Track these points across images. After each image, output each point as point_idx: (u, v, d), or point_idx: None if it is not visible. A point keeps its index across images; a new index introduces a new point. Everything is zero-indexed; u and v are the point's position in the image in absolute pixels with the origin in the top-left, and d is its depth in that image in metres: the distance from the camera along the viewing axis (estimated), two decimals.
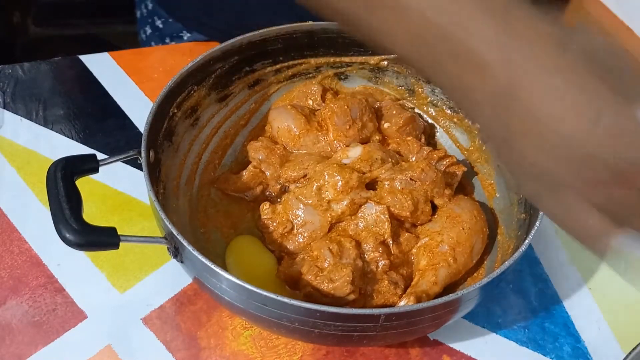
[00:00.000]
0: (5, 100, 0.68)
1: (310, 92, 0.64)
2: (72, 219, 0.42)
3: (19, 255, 0.56)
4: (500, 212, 0.58)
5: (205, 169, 0.60)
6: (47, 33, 1.74)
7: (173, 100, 0.55)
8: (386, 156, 0.57)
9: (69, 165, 0.46)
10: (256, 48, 0.61)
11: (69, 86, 0.72)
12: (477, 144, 0.62)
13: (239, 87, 0.62)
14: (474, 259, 0.55)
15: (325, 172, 0.54)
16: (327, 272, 0.49)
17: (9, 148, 0.64)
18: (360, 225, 0.53)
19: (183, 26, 0.81)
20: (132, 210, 0.60)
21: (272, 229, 0.54)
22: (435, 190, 0.55)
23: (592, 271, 0.61)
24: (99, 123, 0.67)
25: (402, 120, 0.61)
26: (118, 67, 0.73)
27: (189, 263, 0.46)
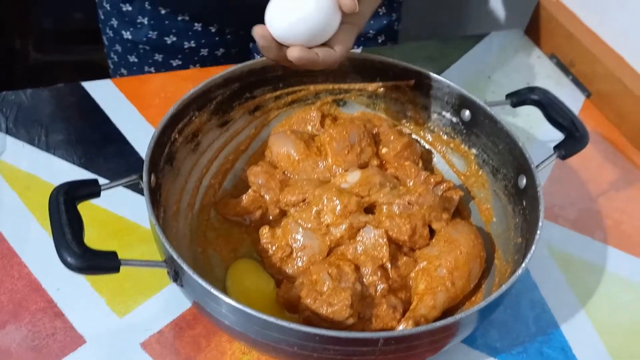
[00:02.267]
0: (7, 125, 0.69)
1: (309, 117, 0.65)
2: (73, 243, 0.42)
3: (18, 280, 0.56)
4: (497, 237, 0.59)
5: (206, 193, 0.61)
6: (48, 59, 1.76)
7: (175, 126, 0.56)
8: (384, 181, 0.57)
9: (71, 190, 0.46)
10: (256, 75, 0.62)
11: (71, 112, 0.73)
12: (473, 169, 0.63)
13: (239, 113, 0.63)
14: (471, 283, 0.55)
15: (324, 197, 0.54)
16: (326, 296, 0.49)
17: (10, 173, 0.64)
18: (359, 249, 0.53)
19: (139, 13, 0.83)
20: (132, 234, 0.61)
21: (272, 253, 0.54)
22: (433, 215, 0.56)
23: (589, 295, 0.61)
24: (101, 148, 0.68)
25: (400, 146, 0.62)
26: (120, 93, 0.74)
27: (188, 287, 0.46)
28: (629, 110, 0.78)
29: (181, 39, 0.85)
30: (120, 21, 0.84)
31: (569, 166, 0.73)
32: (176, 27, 0.84)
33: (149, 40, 0.85)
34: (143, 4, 0.82)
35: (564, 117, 0.60)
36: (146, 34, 0.84)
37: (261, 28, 0.50)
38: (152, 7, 0.82)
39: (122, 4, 0.83)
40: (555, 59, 0.90)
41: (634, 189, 0.73)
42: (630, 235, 0.67)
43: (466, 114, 0.62)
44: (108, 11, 0.85)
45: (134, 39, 0.85)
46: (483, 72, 0.87)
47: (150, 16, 0.82)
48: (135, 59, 0.87)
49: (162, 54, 0.86)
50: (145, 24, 0.83)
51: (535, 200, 0.52)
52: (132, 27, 0.84)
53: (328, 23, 0.50)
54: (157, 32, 0.84)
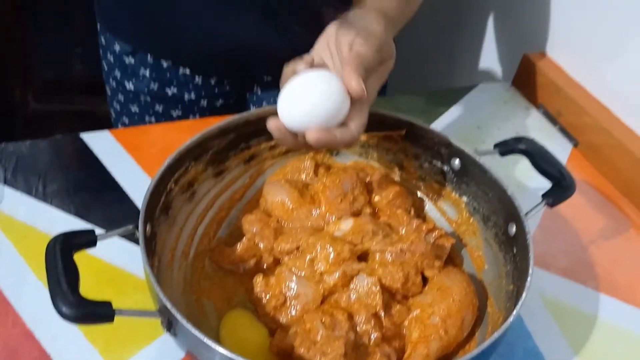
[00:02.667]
0: (6, 176, 0.70)
1: (303, 167, 0.66)
2: (68, 293, 0.43)
3: (12, 329, 0.56)
4: (490, 284, 0.59)
5: (200, 242, 0.61)
6: (47, 109, 1.79)
7: (171, 176, 0.57)
8: (377, 229, 0.58)
9: (67, 240, 0.47)
10: (252, 125, 0.63)
11: (69, 162, 0.74)
12: (464, 216, 0.64)
13: (234, 163, 0.64)
14: (465, 331, 0.55)
15: (317, 244, 0.55)
16: (319, 345, 0.49)
17: (7, 223, 0.65)
18: (353, 297, 0.53)
19: (115, 37, 0.85)
20: (126, 283, 0.61)
21: (265, 302, 0.54)
22: (425, 262, 0.57)
23: (583, 344, 0.61)
24: (97, 198, 0.69)
25: (392, 194, 0.63)
26: (118, 143, 0.76)
27: (182, 336, 0.46)
28: (617, 159, 0.80)
29: (182, 91, 0.87)
30: (123, 72, 0.87)
31: (559, 215, 0.74)
32: (177, 79, 0.86)
33: (150, 91, 0.87)
34: (145, 57, 0.84)
35: (551, 166, 0.61)
36: (148, 85, 0.86)
37: (274, 121, 0.52)
38: (154, 59, 0.84)
39: (125, 56, 0.85)
40: (542, 109, 0.92)
41: (624, 237, 0.74)
42: (622, 283, 0.68)
43: (456, 162, 0.63)
44: (111, 63, 0.88)
45: (136, 90, 0.87)
46: (472, 122, 0.89)
47: (152, 68, 0.85)
48: (136, 109, 0.90)
49: (163, 104, 0.88)
50: (147, 75, 0.86)
51: (526, 248, 0.53)
52: (134, 78, 0.87)
53: (340, 107, 0.51)
54: (158, 83, 0.86)
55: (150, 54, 0.84)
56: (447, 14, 1.22)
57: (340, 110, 0.51)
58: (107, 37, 0.86)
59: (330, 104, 0.50)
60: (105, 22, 0.86)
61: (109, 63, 0.88)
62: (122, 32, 0.84)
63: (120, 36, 0.84)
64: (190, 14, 0.78)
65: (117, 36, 0.85)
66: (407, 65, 0.99)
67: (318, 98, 0.50)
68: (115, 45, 0.85)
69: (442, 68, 1.27)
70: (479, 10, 1.12)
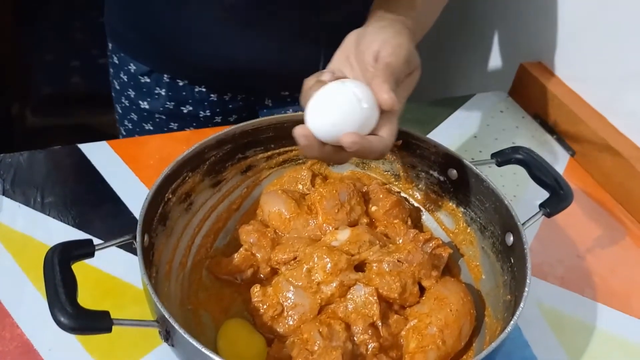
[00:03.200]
0: (4, 187, 0.70)
1: (300, 177, 0.67)
2: (67, 303, 0.43)
3: (10, 341, 0.55)
4: (487, 294, 0.59)
5: (198, 252, 0.61)
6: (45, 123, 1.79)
7: (168, 186, 0.57)
8: (374, 239, 0.58)
9: (65, 250, 0.47)
10: (249, 136, 0.64)
11: (67, 173, 0.74)
12: (461, 226, 0.64)
13: (231, 173, 0.65)
14: (462, 341, 0.55)
15: (314, 255, 0.55)
16: (317, 355, 0.49)
17: (5, 234, 0.65)
18: (350, 307, 0.53)
19: (131, 58, 0.85)
20: (124, 293, 0.61)
21: (263, 312, 0.54)
22: (422, 272, 0.57)
23: (580, 353, 0.61)
24: (95, 209, 0.69)
25: (389, 204, 0.63)
26: (115, 154, 0.76)
27: (179, 347, 0.46)
28: (614, 168, 0.80)
29: (197, 109, 0.87)
30: (138, 92, 0.87)
31: (556, 224, 0.75)
32: (192, 97, 0.86)
33: (165, 109, 0.87)
34: (161, 77, 0.84)
35: (548, 176, 0.61)
36: (163, 104, 0.86)
37: (302, 128, 0.51)
38: (170, 79, 0.85)
39: (140, 77, 0.85)
40: (539, 119, 0.93)
41: (620, 246, 0.74)
42: (619, 292, 0.68)
43: (453, 172, 0.64)
44: (125, 82, 0.87)
45: (151, 109, 0.87)
46: (469, 132, 0.89)
47: (168, 88, 0.85)
48: (150, 127, 0.90)
49: (178, 122, 0.89)
50: (163, 94, 0.86)
51: (523, 258, 0.53)
52: (149, 97, 0.87)
53: (370, 116, 0.50)
54: (174, 102, 0.86)
55: (166, 75, 0.84)
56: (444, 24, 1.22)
57: (370, 119, 0.50)
58: (121, 57, 0.86)
59: (361, 113, 0.49)
60: (120, 44, 0.86)
61: (121, 82, 0.88)
62: (139, 54, 0.84)
63: (137, 58, 0.84)
64: (207, 37, 0.78)
65: (134, 58, 0.85)
66: None
67: (348, 107, 0.49)
68: (130, 65, 0.85)
69: (439, 78, 1.28)
70: (476, 21, 1.12)
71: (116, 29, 0.86)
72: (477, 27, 1.12)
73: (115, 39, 0.87)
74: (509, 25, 1.04)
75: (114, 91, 0.91)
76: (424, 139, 0.64)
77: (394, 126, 0.52)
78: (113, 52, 0.88)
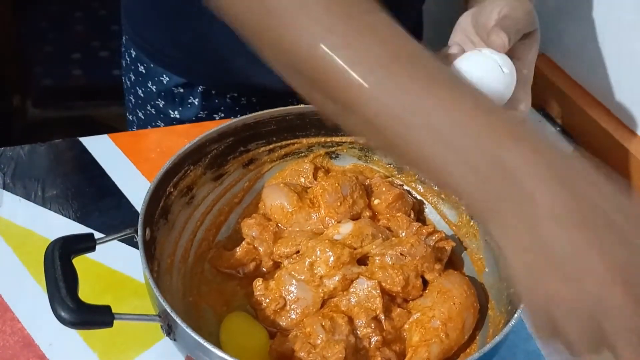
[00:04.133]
0: (5, 181, 0.70)
1: (302, 170, 0.66)
2: (67, 298, 0.43)
3: (11, 336, 0.55)
4: (490, 287, 0.59)
5: (200, 246, 0.61)
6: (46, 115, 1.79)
7: (170, 180, 0.57)
8: (377, 232, 0.58)
9: (66, 244, 0.47)
10: (250, 129, 0.63)
11: (68, 167, 0.74)
12: (465, 219, 0.64)
13: (233, 167, 0.64)
14: (465, 334, 0.55)
15: (317, 248, 0.55)
16: (319, 349, 0.49)
17: (6, 228, 0.65)
18: (352, 300, 0.53)
19: (164, 70, 0.83)
20: (125, 288, 0.61)
21: (265, 306, 0.54)
22: (425, 265, 0.56)
23: None
24: (96, 202, 0.69)
25: (392, 197, 0.63)
26: (117, 148, 0.76)
27: (181, 341, 0.46)
28: (617, 161, 0.80)
29: (228, 115, 0.86)
30: (169, 102, 0.85)
31: None
32: (224, 105, 0.85)
33: (198, 118, 0.85)
34: (196, 87, 0.83)
35: None
36: (196, 113, 0.85)
37: None
38: (204, 89, 0.83)
39: (174, 88, 0.83)
40: (542, 111, 0.92)
41: None
42: None
43: None
44: (153, 91, 0.85)
45: (182, 118, 0.86)
46: None
47: (202, 97, 0.83)
48: (163, 127, 0.88)
49: None
50: (196, 104, 0.84)
51: None
52: (181, 107, 0.85)
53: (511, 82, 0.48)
54: (207, 111, 0.85)
55: (200, 86, 0.83)
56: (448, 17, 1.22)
57: (510, 86, 0.48)
58: (151, 67, 0.83)
59: (504, 79, 0.47)
60: (154, 56, 0.83)
61: (148, 91, 0.86)
62: (176, 67, 0.82)
63: (172, 70, 0.82)
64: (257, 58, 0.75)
65: (169, 70, 0.83)
66: None
67: (491, 74, 0.47)
68: (163, 77, 0.83)
69: None
70: None
71: (151, 41, 0.83)
72: None
73: (147, 50, 0.84)
74: None
75: (136, 98, 0.88)
76: None
77: (529, 97, 0.49)
78: (139, 61, 0.85)
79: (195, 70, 0.82)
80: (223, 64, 0.79)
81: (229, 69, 0.79)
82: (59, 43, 1.92)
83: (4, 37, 1.75)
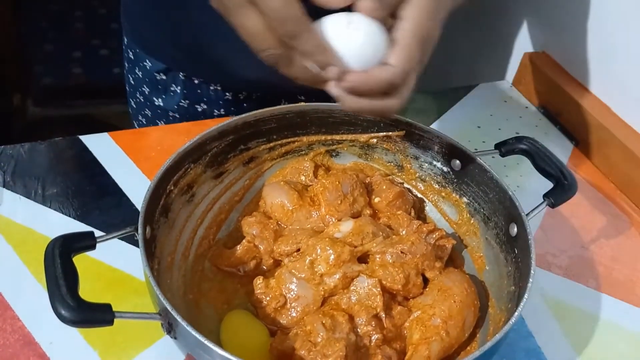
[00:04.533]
0: (5, 179, 0.70)
1: (302, 168, 0.66)
2: (68, 296, 0.42)
3: (11, 334, 0.55)
4: (491, 285, 0.59)
5: (200, 244, 0.61)
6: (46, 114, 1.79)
7: (170, 178, 0.57)
8: (377, 230, 0.58)
9: (66, 242, 0.47)
10: (251, 128, 0.63)
11: (68, 165, 0.74)
12: (465, 217, 0.64)
13: (233, 165, 0.64)
14: (466, 332, 0.55)
15: (317, 246, 0.55)
16: (320, 347, 0.49)
17: (6, 226, 0.65)
18: (353, 298, 0.53)
19: (146, 55, 0.84)
20: (126, 286, 0.61)
21: (266, 304, 0.54)
22: (426, 263, 0.56)
23: (585, 344, 0.61)
24: (97, 201, 0.69)
25: (392, 195, 0.63)
26: (117, 146, 0.76)
27: (182, 339, 0.46)
28: (617, 158, 0.80)
29: (211, 107, 0.86)
30: (153, 88, 0.86)
31: (560, 214, 0.74)
32: (207, 96, 0.85)
33: (180, 107, 0.86)
34: (177, 74, 0.83)
35: (552, 166, 0.61)
36: (178, 102, 0.86)
37: None
38: (186, 77, 0.84)
39: (156, 74, 0.84)
40: (543, 108, 0.92)
41: (624, 236, 0.74)
42: (623, 282, 0.68)
43: (456, 163, 0.63)
44: (140, 78, 0.86)
45: (165, 106, 0.87)
46: (473, 122, 0.89)
47: (184, 86, 0.84)
48: (163, 124, 0.89)
49: (192, 120, 0.88)
50: (178, 92, 0.85)
51: (527, 248, 0.53)
52: (164, 94, 0.86)
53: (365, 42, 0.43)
54: (189, 100, 0.85)
55: (182, 73, 0.83)
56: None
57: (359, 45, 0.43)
58: (137, 53, 0.85)
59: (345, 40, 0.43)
60: (138, 41, 0.85)
61: (136, 78, 0.87)
62: (158, 52, 0.83)
63: (154, 55, 0.83)
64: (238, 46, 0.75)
65: (152, 55, 0.84)
66: None
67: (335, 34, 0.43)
68: (146, 62, 0.84)
69: (442, 68, 1.27)
70: (479, 10, 1.12)
71: (136, 26, 0.84)
72: (481, 17, 1.11)
73: (133, 35, 0.85)
74: (513, 15, 1.03)
75: (129, 86, 0.90)
76: (427, 129, 0.64)
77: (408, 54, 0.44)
78: (129, 47, 0.87)
79: (173, 54, 0.82)
80: (201, 50, 0.79)
81: (208, 56, 0.79)
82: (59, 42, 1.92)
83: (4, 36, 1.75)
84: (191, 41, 0.79)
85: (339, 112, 0.65)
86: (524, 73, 0.95)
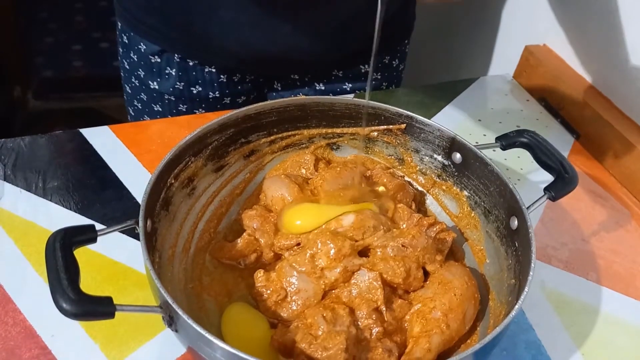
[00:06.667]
0: (6, 172, 0.70)
1: (303, 161, 0.66)
2: (69, 289, 0.42)
3: (13, 327, 0.56)
4: (491, 278, 0.59)
5: (201, 237, 0.61)
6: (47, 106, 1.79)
7: (171, 171, 0.57)
8: (378, 224, 0.58)
9: (67, 235, 0.47)
10: (251, 121, 0.63)
11: (69, 158, 0.74)
12: (465, 210, 0.64)
13: (234, 158, 0.64)
14: (466, 325, 0.55)
15: (318, 240, 0.55)
16: (321, 340, 0.49)
17: (7, 220, 0.65)
18: (354, 292, 0.53)
19: (141, 38, 0.84)
20: (127, 279, 0.61)
21: (266, 297, 0.54)
22: (426, 257, 0.56)
23: (585, 336, 0.61)
24: (98, 194, 0.69)
25: (393, 188, 0.63)
26: (117, 139, 0.76)
27: (183, 332, 0.46)
28: (618, 151, 0.80)
29: (206, 89, 0.87)
30: (148, 72, 0.86)
31: (560, 207, 0.74)
32: (202, 78, 0.86)
33: (175, 90, 0.86)
34: (172, 57, 0.84)
35: (553, 159, 0.61)
36: (173, 84, 0.86)
37: None
38: (180, 59, 0.84)
39: (151, 56, 0.85)
40: (544, 102, 0.92)
41: (624, 229, 0.74)
42: (623, 275, 0.68)
43: (457, 156, 0.63)
44: (135, 62, 0.87)
45: (161, 89, 0.87)
46: (473, 115, 0.89)
47: (179, 68, 0.85)
48: (159, 108, 0.89)
49: (187, 103, 0.88)
50: (173, 75, 0.85)
51: (527, 242, 0.53)
52: (159, 77, 0.86)
53: None
54: (183, 82, 0.86)
55: (177, 55, 0.84)
56: (448, 7, 1.21)
57: None
58: (131, 36, 0.85)
59: None
60: (131, 24, 0.85)
61: (131, 62, 0.88)
62: (151, 34, 0.83)
63: (148, 38, 0.84)
64: (229, 24, 0.77)
65: (145, 38, 0.84)
66: (407, 59, 0.99)
67: None
68: (140, 45, 0.84)
69: (443, 61, 1.27)
70: (480, 3, 1.11)
71: (128, 8, 0.84)
72: (482, 9, 1.11)
73: (126, 18, 0.85)
74: (514, 8, 1.03)
75: (123, 71, 0.91)
76: (428, 122, 0.64)
77: None
78: (122, 32, 0.87)
79: (166, 34, 0.82)
80: (194, 28, 0.79)
81: (201, 34, 0.80)
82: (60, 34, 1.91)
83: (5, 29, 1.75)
84: (184, 19, 0.79)
85: (339, 105, 0.65)
86: (525, 66, 0.95)
